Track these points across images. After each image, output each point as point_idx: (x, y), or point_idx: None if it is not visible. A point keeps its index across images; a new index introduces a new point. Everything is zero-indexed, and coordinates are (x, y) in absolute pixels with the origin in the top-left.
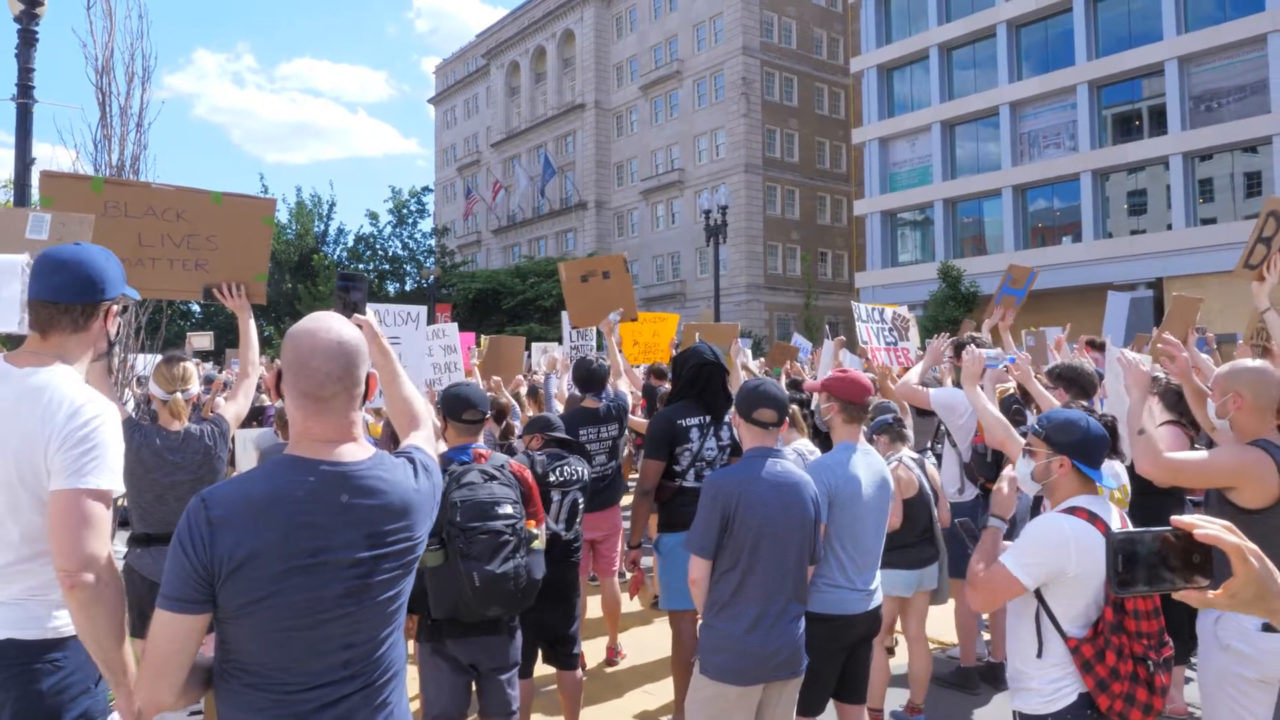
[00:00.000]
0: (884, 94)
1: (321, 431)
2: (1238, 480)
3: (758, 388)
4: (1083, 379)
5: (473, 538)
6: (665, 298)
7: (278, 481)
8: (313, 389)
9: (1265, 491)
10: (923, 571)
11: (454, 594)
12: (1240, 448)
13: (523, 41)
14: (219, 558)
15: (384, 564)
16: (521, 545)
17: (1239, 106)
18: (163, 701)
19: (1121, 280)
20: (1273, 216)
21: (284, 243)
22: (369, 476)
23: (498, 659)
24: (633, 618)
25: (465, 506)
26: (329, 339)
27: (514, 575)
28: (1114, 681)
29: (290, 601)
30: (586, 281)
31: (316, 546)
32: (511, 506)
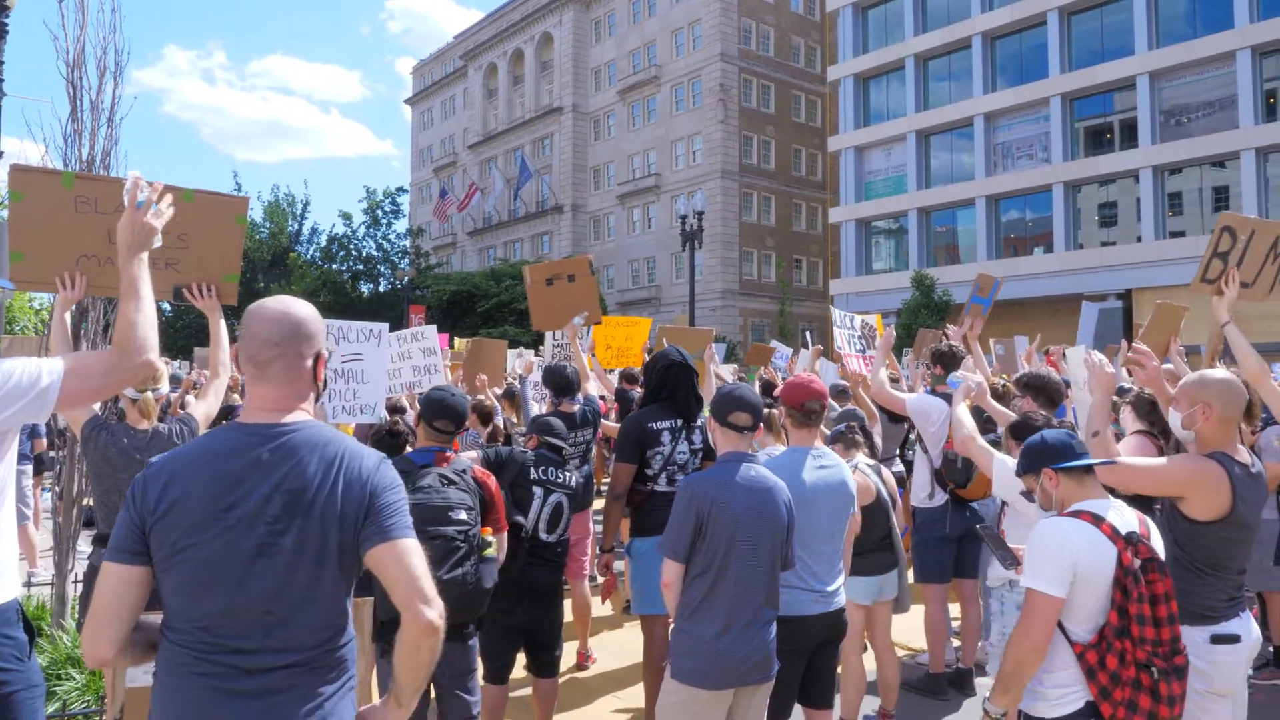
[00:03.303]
0: (860, 103)
1: (262, 398)
2: (1188, 491)
3: (733, 391)
4: (1050, 388)
5: (423, 542)
6: (640, 302)
7: (208, 441)
8: (253, 352)
9: (1215, 504)
10: (882, 578)
11: None
12: (1196, 459)
13: (501, 44)
14: (148, 507)
15: (301, 528)
16: (473, 553)
17: (1208, 122)
18: (102, 654)
19: (1091, 291)
20: (1227, 232)
21: (257, 242)
22: (292, 436)
23: (451, 666)
24: (603, 622)
25: (416, 510)
26: (275, 308)
27: (461, 582)
28: (1115, 688)
29: (207, 554)
30: (551, 285)
31: (233, 500)
32: (466, 513)
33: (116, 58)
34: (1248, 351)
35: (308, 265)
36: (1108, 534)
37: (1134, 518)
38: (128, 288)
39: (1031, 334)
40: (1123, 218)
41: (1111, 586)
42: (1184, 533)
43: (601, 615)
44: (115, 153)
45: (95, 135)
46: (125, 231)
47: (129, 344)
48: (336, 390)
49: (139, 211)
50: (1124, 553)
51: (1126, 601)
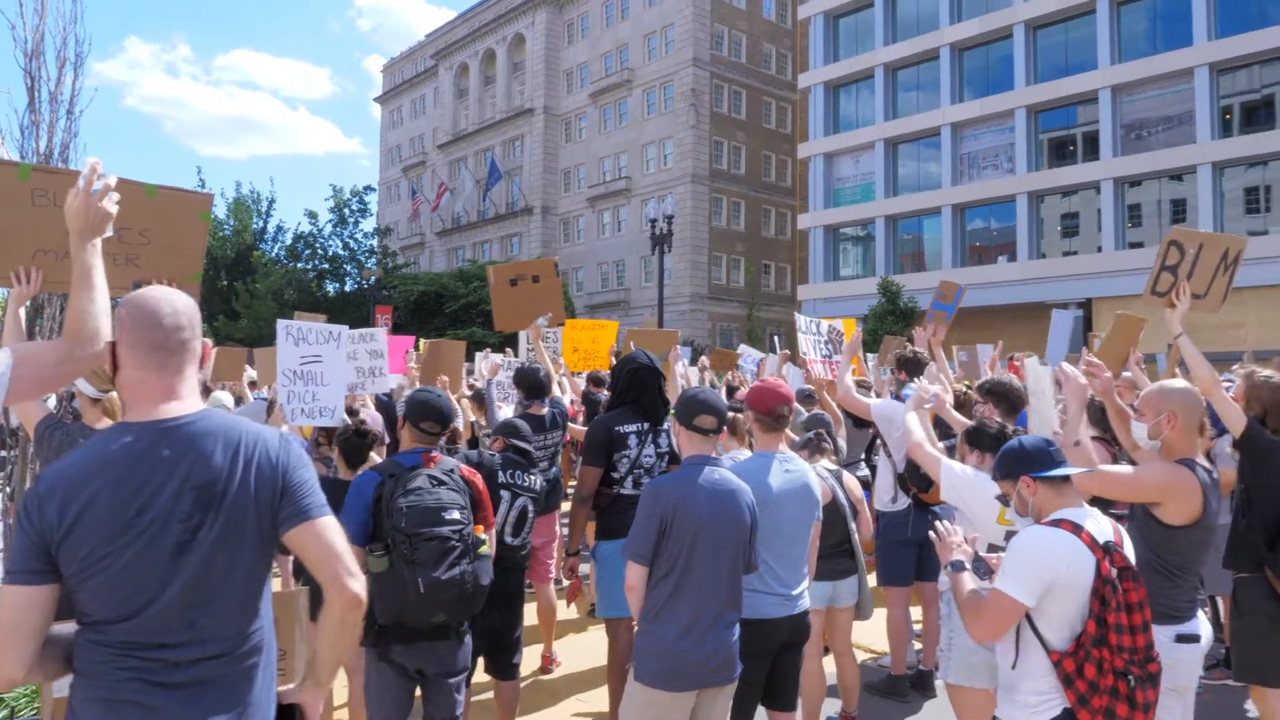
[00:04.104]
0: (830, 111)
1: (162, 387)
2: (1164, 497)
3: (698, 395)
4: (1011, 394)
5: (418, 544)
6: (609, 305)
7: (99, 447)
8: (162, 339)
9: (1189, 509)
10: (837, 584)
11: (399, 600)
12: (1169, 465)
13: (472, 44)
14: (49, 525)
15: (215, 520)
16: (468, 551)
17: (1167, 136)
18: (10, 675)
19: (1053, 299)
20: (1174, 246)
21: (220, 239)
22: (190, 428)
23: (446, 664)
24: (568, 625)
25: (411, 512)
26: (172, 292)
27: (460, 581)
28: (1094, 696)
29: (125, 561)
30: (516, 285)
31: (141, 503)
32: (459, 512)
33: (77, 49)
34: (1200, 362)
35: (272, 263)
36: (1087, 543)
37: (1110, 526)
38: (80, 275)
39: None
40: (1084, 228)
41: (1090, 596)
42: (1158, 537)
43: (567, 618)
44: (74, 146)
45: (54, 128)
46: (78, 217)
47: (81, 332)
48: (295, 392)
49: (93, 196)
50: (1102, 562)
51: (1105, 610)
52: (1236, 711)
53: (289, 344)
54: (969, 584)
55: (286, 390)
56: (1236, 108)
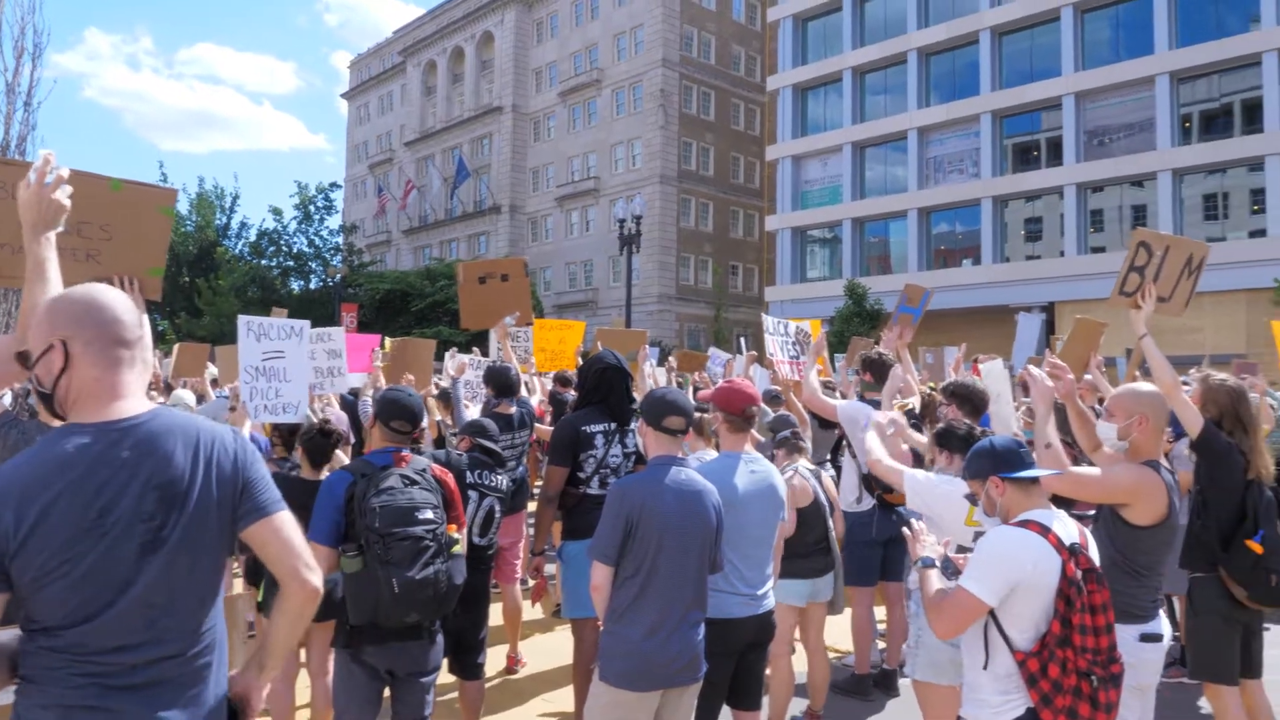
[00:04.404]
0: (798, 113)
1: (116, 385)
2: (1132, 498)
3: (665, 395)
4: (975, 396)
5: (392, 544)
6: (577, 305)
7: (51, 448)
8: (124, 334)
9: (1156, 509)
10: (817, 581)
11: (372, 600)
12: (1137, 467)
13: (441, 41)
14: (3, 535)
15: (179, 520)
16: (442, 551)
17: (1128, 142)
18: None
19: (1016, 303)
20: (1143, 246)
21: (182, 234)
22: (147, 426)
23: (418, 664)
24: (534, 625)
25: (384, 512)
26: (114, 291)
27: (434, 581)
28: (1057, 696)
29: (87, 566)
30: (484, 283)
31: (103, 506)
32: (433, 512)
33: (35, 39)
34: (1162, 364)
35: (236, 260)
36: (1054, 544)
37: (1075, 529)
38: (34, 269)
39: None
40: (1047, 233)
41: (1055, 596)
42: (1125, 538)
43: (532, 618)
44: (32, 138)
45: (11, 119)
46: (30, 209)
47: None
48: (258, 389)
49: (45, 188)
50: (1068, 563)
51: (1070, 611)
52: (1190, 708)
53: (251, 340)
54: (936, 582)
55: (249, 387)
56: (1196, 116)
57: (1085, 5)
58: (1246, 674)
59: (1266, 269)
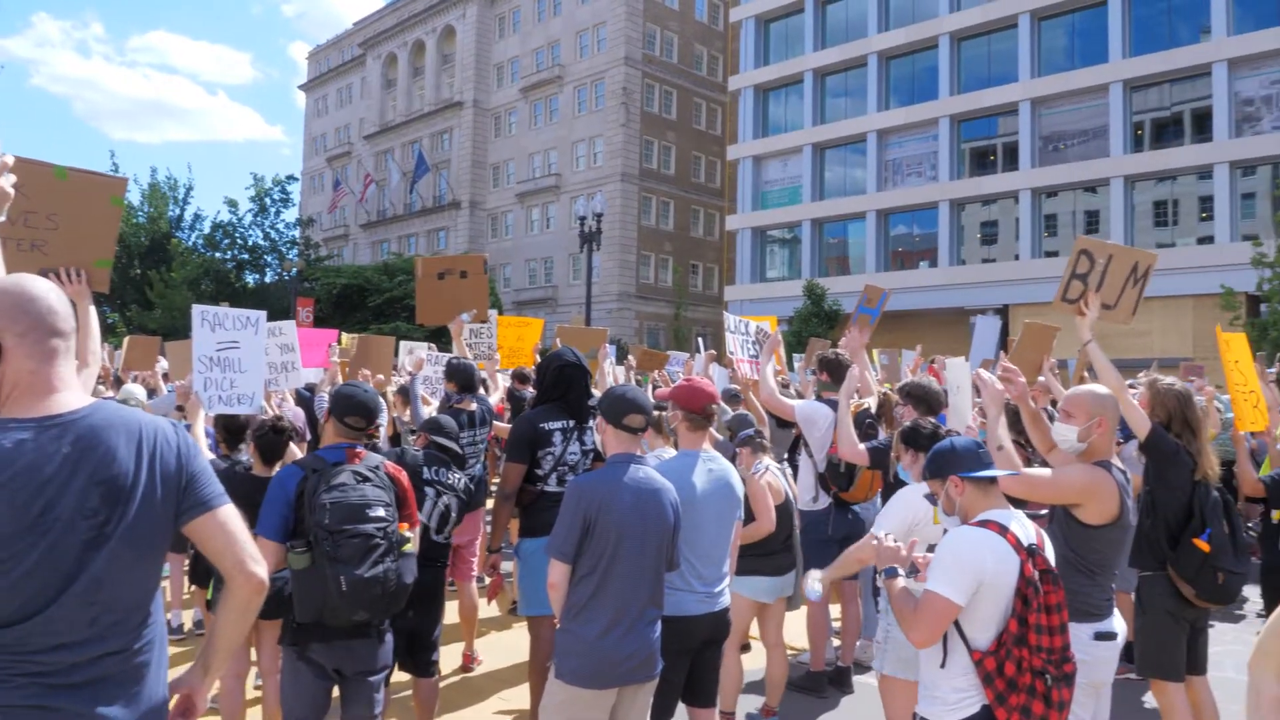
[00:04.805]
0: (759, 114)
1: (53, 378)
2: (1085, 498)
3: (625, 393)
4: (930, 397)
5: (341, 541)
6: (537, 302)
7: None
8: (59, 325)
9: (1107, 509)
10: (783, 579)
11: (319, 598)
12: (1089, 468)
13: (402, 34)
14: None
15: (124, 515)
16: (393, 549)
17: (1082, 149)
18: None
19: (972, 305)
20: (1084, 255)
21: (133, 225)
22: (88, 420)
23: (365, 663)
24: (490, 623)
25: (335, 508)
26: (47, 280)
27: (383, 579)
28: (1011, 694)
29: (29, 564)
30: (443, 279)
31: (45, 502)
32: (384, 509)
33: None
34: (1108, 368)
35: (189, 252)
36: (1012, 544)
37: (1033, 529)
38: None
39: (915, 344)
40: (1003, 236)
41: (1013, 596)
42: (1078, 537)
43: (489, 616)
44: None
45: None
46: None
47: None
48: (212, 379)
49: None
50: (1026, 563)
51: (1027, 611)
52: (1135, 704)
53: (205, 330)
54: (903, 591)
55: (204, 377)
56: (1148, 124)
57: (1042, 13)
58: (1192, 671)
59: (1214, 275)
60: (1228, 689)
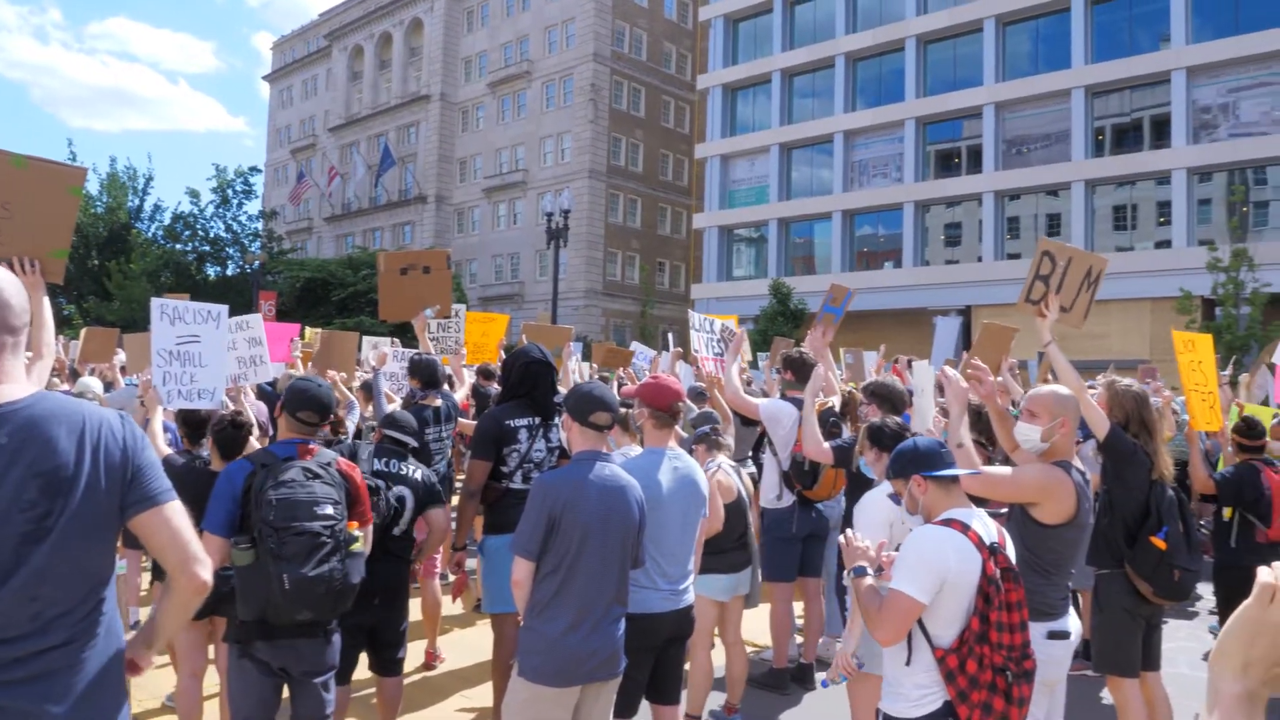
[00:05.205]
0: (727, 113)
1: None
2: (1042, 497)
3: (592, 391)
4: (894, 396)
5: (286, 538)
6: (503, 298)
7: None
8: (10, 320)
9: (1064, 509)
10: (738, 576)
11: (262, 595)
12: (1046, 467)
13: (368, 25)
14: None
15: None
16: (340, 548)
17: (1045, 153)
18: None
19: (935, 306)
20: (1047, 256)
21: (91, 215)
22: (28, 411)
23: (311, 663)
24: (453, 620)
25: (281, 505)
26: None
27: (328, 579)
28: (973, 691)
29: None
30: (406, 274)
31: None
32: (333, 507)
33: None
34: (1068, 369)
35: (149, 244)
36: (975, 542)
37: (995, 528)
38: None
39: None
40: (966, 238)
41: (975, 594)
42: (1034, 536)
43: (452, 614)
44: None
45: None
46: None
47: None
48: (171, 373)
49: None
50: (988, 562)
51: (988, 608)
52: (1093, 700)
53: (164, 323)
54: (870, 590)
55: (162, 371)
56: (1109, 129)
57: (1007, 18)
58: (1146, 667)
59: (1171, 279)
60: (1181, 684)
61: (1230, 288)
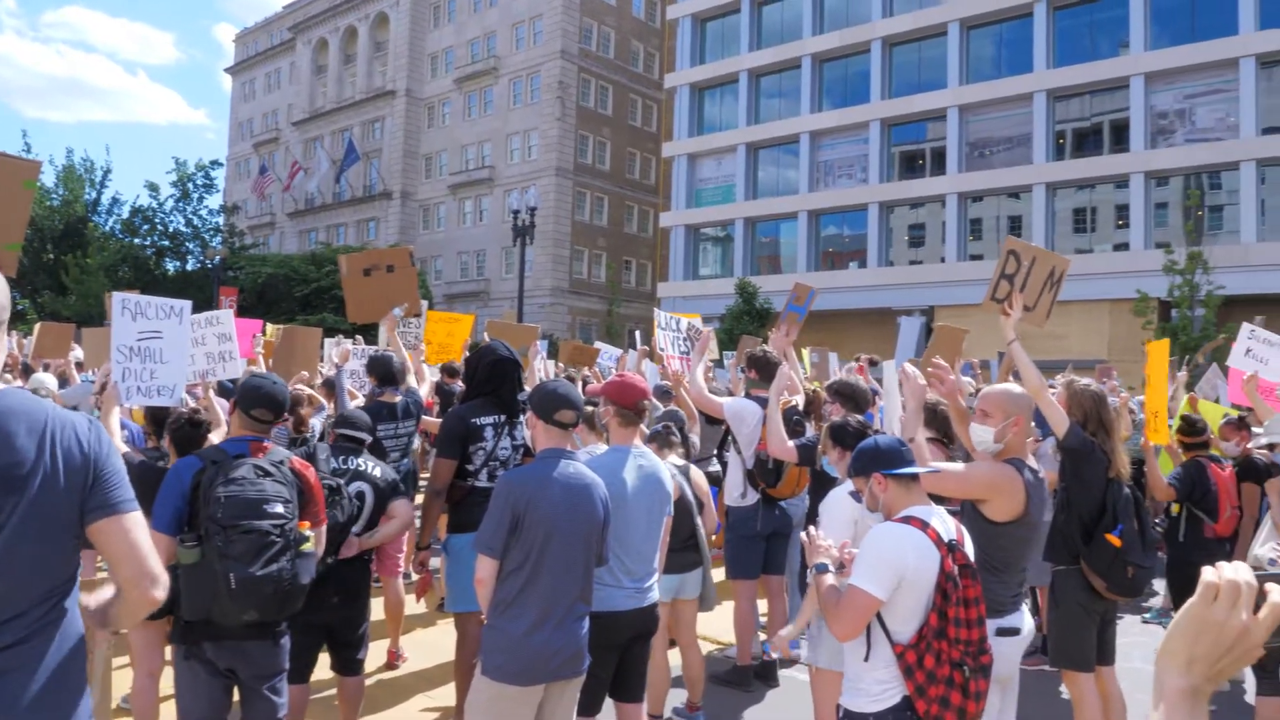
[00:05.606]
0: (694, 112)
1: None
2: (991, 494)
3: (557, 389)
4: (857, 395)
5: (234, 537)
6: (469, 296)
7: None
8: None
9: (1013, 506)
10: (683, 577)
11: (208, 595)
12: (997, 465)
13: (334, 19)
14: None
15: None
16: (290, 548)
17: (1007, 155)
18: None
19: (899, 306)
20: (1012, 255)
21: (47, 209)
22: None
23: (259, 666)
24: (415, 619)
25: (230, 502)
26: None
27: (276, 578)
28: (931, 685)
29: None
30: (369, 275)
31: None
32: (283, 506)
33: None
34: (1030, 368)
35: (107, 238)
36: (933, 539)
37: (953, 525)
38: None
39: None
40: (929, 239)
41: (934, 590)
42: (983, 534)
43: (415, 613)
44: None
45: None
46: None
47: None
48: (131, 370)
49: None
50: (946, 559)
51: (946, 604)
52: (1052, 694)
53: (125, 319)
54: (830, 584)
55: (122, 367)
56: (1069, 133)
57: (971, 22)
58: (1101, 661)
59: (1129, 280)
60: (1135, 679)
61: (1186, 290)
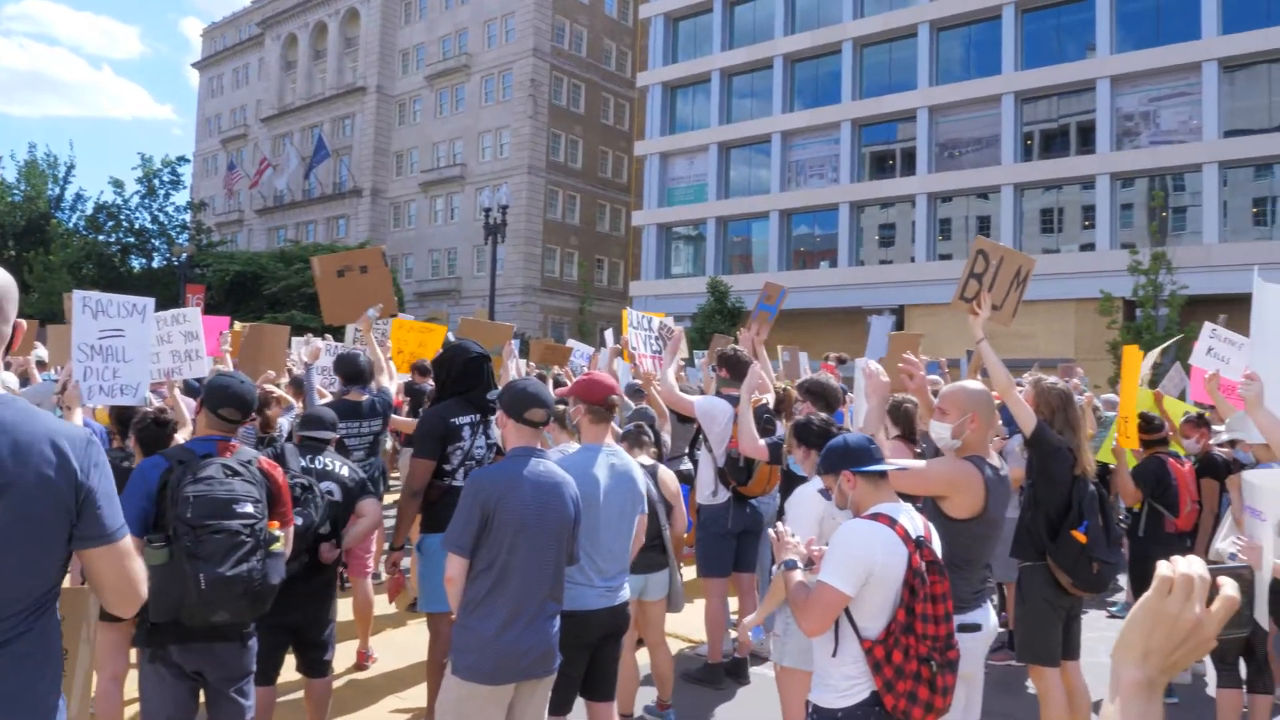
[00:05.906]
0: (667, 111)
1: None
2: (950, 490)
3: (527, 388)
4: (828, 393)
5: (203, 537)
6: (440, 294)
7: None
8: None
9: (972, 503)
10: (648, 577)
11: (176, 596)
12: (956, 461)
13: (303, 14)
14: None
15: None
16: (259, 548)
17: (976, 156)
18: None
19: (869, 305)
20: (981, 255)
21: (9, 205)
22: None
23: (226, 668)
24: (385, 620)
25: (198, 502)
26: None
27: (246, 579)
28: (899, 681)
29: None
30: (343, 276)
31: None
32: (253, 505)
33: None
34: (998, 367)
35: (70, 234)
36: (901, 536)
37: (921, 522)
38: None
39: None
40: (899, 238)
41: (901, 586)
42: (944, 531)
43: (386, 613)
44: None
45: None
46: None
47: None
48: (93, 369)
49: None
50: (914, 555)
51: (914, 600)
52: (1019, 689)
53: (86, 317)
54: (798, 580)
55: (83, 366)
56: (1037, 134)
57: (940, 23)
58: (1067, 656)
59: (1094, 280)
60: (1099, 673)
61: (1150, 290)
